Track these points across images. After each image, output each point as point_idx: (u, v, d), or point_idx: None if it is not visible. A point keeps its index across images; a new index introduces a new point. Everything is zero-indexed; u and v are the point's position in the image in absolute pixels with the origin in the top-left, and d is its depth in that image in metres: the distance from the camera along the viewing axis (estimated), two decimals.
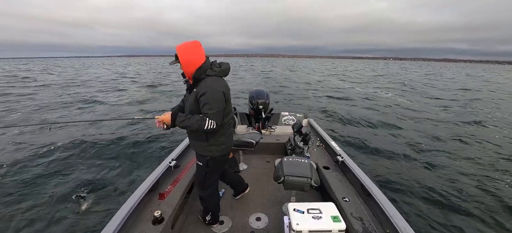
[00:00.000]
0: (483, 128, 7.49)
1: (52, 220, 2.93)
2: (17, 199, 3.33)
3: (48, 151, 4.81)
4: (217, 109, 1.56)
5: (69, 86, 15.85)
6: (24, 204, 3.20)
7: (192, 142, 1.80)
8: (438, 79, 26.56)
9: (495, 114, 9.41)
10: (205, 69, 1.59)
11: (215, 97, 1.56)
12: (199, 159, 1.82)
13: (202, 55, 1.59)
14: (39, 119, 7.54)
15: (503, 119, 8.72)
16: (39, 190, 3.54)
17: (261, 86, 6.37)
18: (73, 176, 3.94)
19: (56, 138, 5.51)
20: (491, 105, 11.39)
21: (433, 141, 6.16)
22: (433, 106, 10.75)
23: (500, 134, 6.80)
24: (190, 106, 1.64)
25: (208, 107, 1.54)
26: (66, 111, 8.60)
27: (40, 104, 9.73)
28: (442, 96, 13.97)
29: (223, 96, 1.61)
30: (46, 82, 18.02)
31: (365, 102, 11.43)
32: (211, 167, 1.81)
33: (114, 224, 1.52)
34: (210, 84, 1.57)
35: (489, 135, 6.68)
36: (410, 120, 8.22)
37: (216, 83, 1.59)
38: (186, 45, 1.58)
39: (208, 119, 1.54)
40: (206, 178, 1.84)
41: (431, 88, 17.78)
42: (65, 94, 12.09)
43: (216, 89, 1.57)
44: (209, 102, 1.54)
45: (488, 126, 7.66)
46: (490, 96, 14.34)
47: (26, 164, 4.27)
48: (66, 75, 25.28)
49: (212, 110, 1.54)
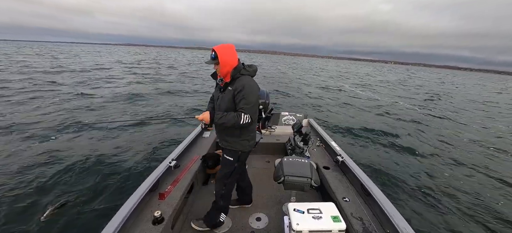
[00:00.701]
0: (484, 130, 7.50)
1: (51, 219, 2.93)
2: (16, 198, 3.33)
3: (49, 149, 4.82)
4: (253, 103, 1.71)
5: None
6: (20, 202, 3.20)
7: (225, 138, 1.86)
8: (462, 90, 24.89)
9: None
10: (239, 69, 1.74)
11: (251, 93, 1.70)
12: (229, 154, 1.87)
13: (236, 56, 1.75)
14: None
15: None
16: (38, 190, 3.54)
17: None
18: (73, 175, 3.94)
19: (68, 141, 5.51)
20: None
21: (434, 141, 6.17)
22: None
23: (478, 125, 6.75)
24: (227, 103, 1.75)
25: (245, 102, 1.67)
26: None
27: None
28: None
29: (258, 96, 1.77)
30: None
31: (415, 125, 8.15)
32: (242, 161, 1.91)
33: (114, 224, 1.52)
34: (247, 81, 1.72)
35: (493, 139, 6.69)
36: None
37: (251, 80, 1.76)
38: (224, 47, 1.72)
39: (243, 114, 1.66)
40: (234, 173, 1.92)
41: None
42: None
43: (252, 85, 1.73)
44: (246, 97, 1.67)
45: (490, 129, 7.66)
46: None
47: (26, 164, 4.27)
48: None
49: (249, 105, 1.68)
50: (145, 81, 14.85)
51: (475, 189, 3.92)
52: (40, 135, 5.43)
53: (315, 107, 10.17)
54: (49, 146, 4.98)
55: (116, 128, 6.36)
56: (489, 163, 5.01)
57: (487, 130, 8.10)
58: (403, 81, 29.18)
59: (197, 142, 3.19)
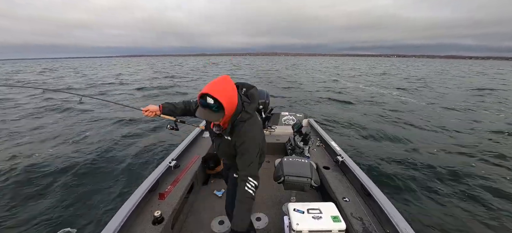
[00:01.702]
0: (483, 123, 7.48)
1: (50, 219, 2.93)
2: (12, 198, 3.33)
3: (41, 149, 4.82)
4: (256, 167, 1.35)
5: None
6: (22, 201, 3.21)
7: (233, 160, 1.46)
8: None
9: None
10: (239, 112, 1.29)
11: (253, 146, 1.33)
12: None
13: (236, 93, 1.26)
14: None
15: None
16: (35, 189, 3.54)
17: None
18: (72, 174, 3.94)
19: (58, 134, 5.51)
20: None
21: (434, 141, 6.16)
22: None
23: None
24: (229, 151, 1.41)
25: (248, 161, 1.31)
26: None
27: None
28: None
29: (260, 141, 1.40)
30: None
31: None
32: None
33: (114, 224, 1.52)
34: (248, 132, 1.31)
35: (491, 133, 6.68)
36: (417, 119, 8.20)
37: (254, 128, 1.35)
38: (226, 89, 1.18)
39: (247, 183, 1.29)
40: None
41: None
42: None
43: (254, 136, 1.34)
44: (250, 156, 1.32)
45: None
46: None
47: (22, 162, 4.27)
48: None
49: (254, 166, 1.32)
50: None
51: (476, 189, 3.92)
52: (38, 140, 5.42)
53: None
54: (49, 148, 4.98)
55: (116, 127, 6.36)
56: (496, 161, 5.00)
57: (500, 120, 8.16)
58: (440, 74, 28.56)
59: (197, 142, 3.19)
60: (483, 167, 4.74)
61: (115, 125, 6.64)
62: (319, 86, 16.51)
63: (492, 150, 5.45)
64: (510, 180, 4.18)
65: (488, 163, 4.90)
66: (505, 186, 4.01)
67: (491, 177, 4.30)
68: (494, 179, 4.23)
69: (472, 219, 3.22)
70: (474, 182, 4.12)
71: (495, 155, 5.21)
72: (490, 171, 4.56)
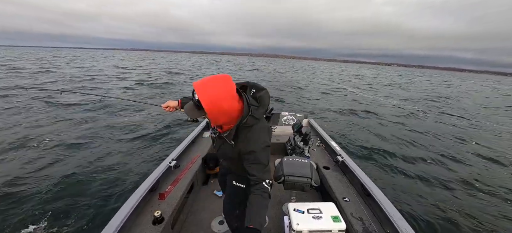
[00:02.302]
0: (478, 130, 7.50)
1: (50, 220, 2.93)
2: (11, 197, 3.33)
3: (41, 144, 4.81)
4: (267, 164, 1.22)
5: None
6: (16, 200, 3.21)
7: (235, 164, 1.38)
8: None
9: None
10: (246, 115, 1.15)
11: (266, 152, 1.23)
12: (241, 181, 1.50)
13: (235, 98, 1.12)
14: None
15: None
16: (34, 189, 3.54)
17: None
18: (71, 174, 3.94)
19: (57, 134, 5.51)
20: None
21: (435, 141, 6.17)
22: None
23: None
24: (232, 154, 1.31)
25: (260, 167, 1.19)
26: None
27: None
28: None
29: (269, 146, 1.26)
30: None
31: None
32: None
33: (114, 224, 1.53)
34: (260, 136, 1.21)
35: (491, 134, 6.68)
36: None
37: (265, 134, 1.25)
38: (214, 88, 1.05)
39: (262, 184, 1.17)
40: (244, 200, 1.42)
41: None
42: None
43: (267, 143, 1.23)
44: (261, 160, 1.19)
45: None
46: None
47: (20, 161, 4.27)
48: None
49: (265, 169, 1.20)
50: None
51: (478, 188, 3.92)
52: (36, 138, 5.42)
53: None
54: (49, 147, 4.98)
55: (117, 127, 6.36)
56: (494, 161, 5.01)
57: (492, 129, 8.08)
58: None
59: (197, 142, 3.19)
60: (487, 167, 4.74)
61: (115, 124, 6.64)
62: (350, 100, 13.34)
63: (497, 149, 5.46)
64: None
65: (496, 164, 4.90)
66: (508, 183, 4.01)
67: (494, 177, 4.30)
68: (497, 180, 4.23)
69: (472, 219, 3.23)
70: (477, 181, 4.13)
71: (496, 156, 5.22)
72: (494, 170, 4.56)
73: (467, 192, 3.85)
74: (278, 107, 9.71)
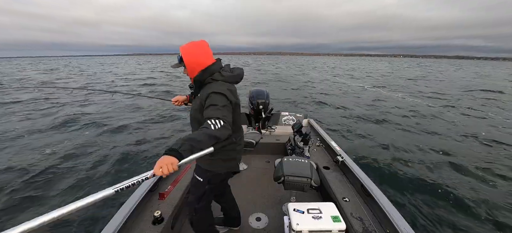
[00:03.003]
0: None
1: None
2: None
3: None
4: (223, 104, 1.27)
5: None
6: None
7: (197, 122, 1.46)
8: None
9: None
10: (212, 72, 1.38)
11: (220, 94, 1.31)
12: (199, 173, 1.54)
13: (209, 56, 1.40)
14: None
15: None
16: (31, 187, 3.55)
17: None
18: (71, 174, 3.94)
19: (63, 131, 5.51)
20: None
21: (434, 141, 6.16)
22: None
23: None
24: (194, 112, 1.42)
25: (212, 107, 1.24)
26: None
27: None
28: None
29: (227, 99, 1.31)
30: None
31: None
32: (213, 184, 1.55)
33: (114, 224, 1.53)
34: (216, 86, 1.33)
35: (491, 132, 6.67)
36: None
37: (222, 86, 1.36)
38: (191, 45, 1.39)
39: (210, 120, 1.17)
40: (204, 197, 1.56)
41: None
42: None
43: (221, 88, 1.33)
44: (214, 102, 1.26)
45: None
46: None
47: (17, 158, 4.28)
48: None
49: (216, 105, 1.24)
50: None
51: (478, 188, 3.92)
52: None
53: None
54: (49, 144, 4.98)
55: (116, 127, 6.37)
56: (496, 160, 4.99)
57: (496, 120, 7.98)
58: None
59: None
60: (487, 167, 4.73)
61: (115, 125, 6.64)
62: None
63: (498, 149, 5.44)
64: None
65: (493, 164, 4.89)
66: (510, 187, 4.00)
67: (495, 177, 4.30)
68: (498, 180, 4.22)
69: (474, 218, 3.22)
70: (478, 182, 4.12)
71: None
72: (495, 171, 4.55)
73: (468, 192, 3.84)
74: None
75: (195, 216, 1.59)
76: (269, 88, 5.96)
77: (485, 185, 4.04)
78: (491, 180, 4.22)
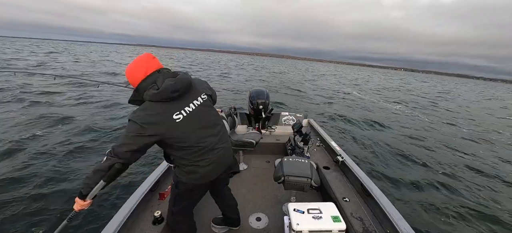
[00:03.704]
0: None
1: (49, 219, 2.93)
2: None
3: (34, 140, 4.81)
4: (123, 141, 1.17)
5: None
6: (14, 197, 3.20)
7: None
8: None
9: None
10: (142, 91, 1.23)
11: (130, 126, 1.18)
12: (173, 177, 1.50)
13: (142, 71, 1.23)
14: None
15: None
16: (31, 188, 3.54)
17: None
18: (70, 174, 3.94)
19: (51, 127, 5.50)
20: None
21: (434, 140, 6.17)
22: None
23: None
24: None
25: (121, 136, 1.20)
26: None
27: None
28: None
29: (140, 127, 1.16)
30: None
31: None
32: (179, 190, 1.47)
33: (115, 224, 1.53)
34: (136, 111, 1.21)
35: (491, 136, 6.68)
36: None
37: (142, 111, 1.20)
38: (130, 65, 1.26)
39: (107, 153, 1.20)
40: (176, 200, 1.51)
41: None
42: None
43: (135, 117, 1.18)
44: (125, 130, 1.19)
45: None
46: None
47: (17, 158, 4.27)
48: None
49: (121, 137, 1.19)
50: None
51: (478, 188, 3.92)
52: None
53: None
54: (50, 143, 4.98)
55: (117, 127, 6.36)
56: (495, 162, 5.00)
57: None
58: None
59: None
60: (487, 169, 4.74)
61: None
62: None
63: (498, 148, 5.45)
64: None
65: (494, 161, 4.90)
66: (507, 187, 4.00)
67: (495, 177, 4.30)
68: (498, 180, 4.23)
69: (474, 218, 3.23)
70: (478, 181, 4.13)
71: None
72: (495, 171, 4.55)
73: (468, 193, 3.85)
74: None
75: (171, 217, 1.57)
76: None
77: (485, 186, 4.05)
78: (491, 179, 4.22)
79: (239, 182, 2.72)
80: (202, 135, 1.33)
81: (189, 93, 1.33)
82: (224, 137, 1.48)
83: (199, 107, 1.34)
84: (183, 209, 1.54)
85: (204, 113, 1.36)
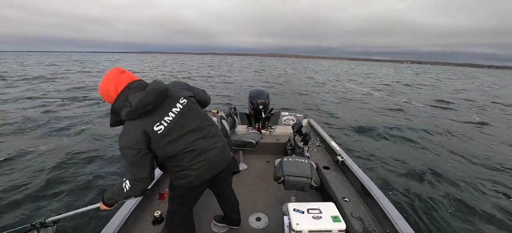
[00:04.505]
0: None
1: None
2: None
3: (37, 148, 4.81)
4: (130, 163, 1.20)
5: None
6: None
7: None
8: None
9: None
10: (119, 111, 1.21)
11: (126, 152, 1.19)
12: (169, 177, 1.51)
13: (112, 89, 1.21)
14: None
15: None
16: (31, 188, 3.54)
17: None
18: (70, 174, 3.94)
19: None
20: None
21: (434, 140, 6.16)
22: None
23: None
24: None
25: (124, 164, 1.23)
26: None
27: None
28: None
29: (134, 151, 1.18)
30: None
31: None
32: (175, 192, 1.48)
33: (114, 224, 1.53)
34: (121, 137, 1.20)
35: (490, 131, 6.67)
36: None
37: (125, 134, 1.20)
38: (103, 79, 1.23)
39: (124, 179, 1.25)
40: (173, 200, 1.53)
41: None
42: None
43: (124, 143, 1.19)
44: (124, 159, 1.21)
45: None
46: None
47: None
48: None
49: (126, 166, 1.22)
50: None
51: (478, 189, 3.92)
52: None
53: None
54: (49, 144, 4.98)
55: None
56: (497, 160, 4.97)
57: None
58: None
59: None
60: (487, 168, 4.74)
61: None
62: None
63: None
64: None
65: (494, 164, 4.89)
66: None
67: (495, 177, 4.30)
68: (498, 180, 4.22)
69: (474, 218, 3.23)
70: (478, 182, 4.12)
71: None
72: (494, 171, 4.55)
73: (468, 192, 3.85)
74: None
75: (169, 218, 1.59)
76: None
77: (484, 184, 4.05)
78: (492, 180, 4.22)
79: (239, 182, 2.72)
80: (189, 140, 1.31)
81: (166, 101, 1.28)
82: (216, 136, 1.45)
83: (180, 113, 1.30)
84: (181, 210, 1.54)
85: (187, 118, 1.32)
